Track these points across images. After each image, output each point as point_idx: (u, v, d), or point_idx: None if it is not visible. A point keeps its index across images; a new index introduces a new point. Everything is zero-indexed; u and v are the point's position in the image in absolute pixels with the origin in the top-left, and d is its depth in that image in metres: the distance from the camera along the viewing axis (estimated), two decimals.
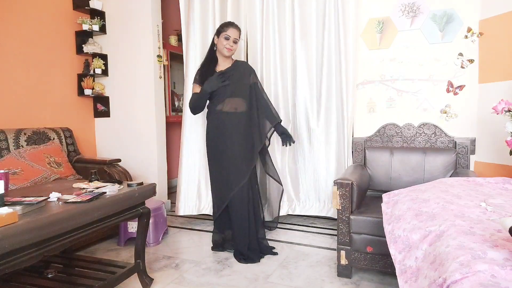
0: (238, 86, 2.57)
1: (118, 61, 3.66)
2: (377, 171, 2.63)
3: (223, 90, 2.54)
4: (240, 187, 2.51)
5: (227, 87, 2.53)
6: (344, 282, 2.17)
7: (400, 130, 2.73)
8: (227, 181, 2.55)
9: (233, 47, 2.54)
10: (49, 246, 1.47)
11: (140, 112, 3.62)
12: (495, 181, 1.66)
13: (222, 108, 2.55)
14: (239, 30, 2.58)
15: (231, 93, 2.55)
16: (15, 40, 2.98)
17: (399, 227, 1.36)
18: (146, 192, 2.04)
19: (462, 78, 2.61)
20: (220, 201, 2.62)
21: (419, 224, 1.28)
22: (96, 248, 2.75)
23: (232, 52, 2.57)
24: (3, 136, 2.67)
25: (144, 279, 2.09)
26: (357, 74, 2.90)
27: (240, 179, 2.52)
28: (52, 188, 1.94)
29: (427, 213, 1.31)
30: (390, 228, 1.43)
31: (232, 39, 2.52)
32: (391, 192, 1.72)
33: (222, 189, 2.59)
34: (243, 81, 2.60)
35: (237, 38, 2.56)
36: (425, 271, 1.08)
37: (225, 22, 2.62)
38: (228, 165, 2.54)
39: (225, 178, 2.56)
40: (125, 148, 3.67)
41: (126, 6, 3.57)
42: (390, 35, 2.77)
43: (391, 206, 1.56)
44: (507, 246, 0.94)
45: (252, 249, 2.55)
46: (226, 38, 2.51)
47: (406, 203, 1.48)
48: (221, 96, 2.55)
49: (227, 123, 2.54)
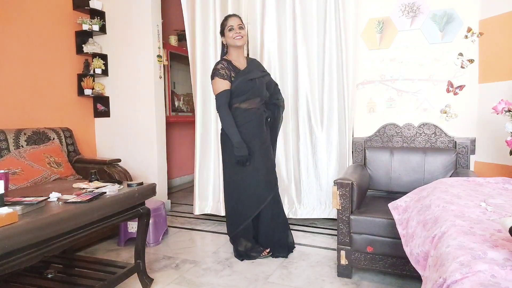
0: (260, 84, 2.54)
1: (118, 61, 3.66)
2: (377, 171, 2.63)
3: (248, 89, 2.46)
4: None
5: (253, 86, 2.48)
6: (344, 282, 2.16)
7: (400, 130, 2.73)
8: (266, 180, 2.53)
9: (241, 33, 2.47)
10: (49, 246, 1.47)
11: (140, 112, 3.62)
12: (495, 181, 1.66)
13: (247, 107, 2.48)
14: (238, 17, 2.54)
15: (255, 92, 2.49)
16: (15, 40, 2.98)
17: (415, 245, 1.35)
18: (146, 192, 2.03)
19: (462, 78, 2.61)
20: (258, 202, 2.51)
21: (427, 233, 1.28)
22: (96, 248, 2.75)
23: (244, 39, 2.50)
24: (3, 136, 2.67)
25: (144, 279, 2.09)
26: (357, 74, 2.90)
27: (275, 174, 2.64)
28: (52, 188, 1.94)
29: (430, 220, 1.31)
30: (409, 250, 1.42)
31: (236, 26, 2.46)
32: (398, 205, 1.69)
33: (259, 188, 2.50)
34: (263, 79, 2.58)
35: (241, 23, 2.51)
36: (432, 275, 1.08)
37: (222, 20, 2.58)
38: (263, 163, 2.52)
39: (263, 178, 2.51)
40: (125, 148, 3.67)
41: (126, 6, 3.57)
42: (390, 35, 2.77)
43: (405, 226, 1.55)
44: (507, 246, 0.94)
45: (283, 244, 2.62)
46: (231, 29, 2.47)
47: (415, 218, 1.48)
48: (246, 95, 2.47)
49: (254, 122, 2.51)
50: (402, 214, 1.63)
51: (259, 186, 2.50)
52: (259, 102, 2.54)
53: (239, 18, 2.53)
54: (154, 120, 3.59)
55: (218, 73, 2.44)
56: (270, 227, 2.57)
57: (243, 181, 2.50)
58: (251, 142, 2.47)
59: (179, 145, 5.04)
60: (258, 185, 2.50)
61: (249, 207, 2.51)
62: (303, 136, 3.17)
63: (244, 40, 2.50)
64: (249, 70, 2.52)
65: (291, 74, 3.14)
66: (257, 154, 2.49)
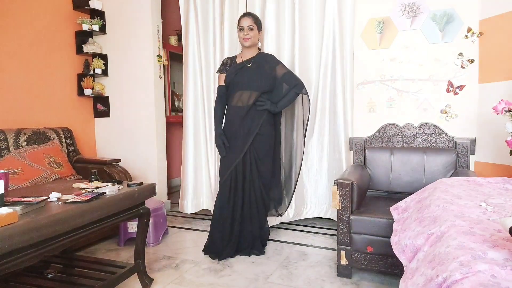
0: (250, 78, 2.57)
1: (118, 61, 3.66)
2: (377, 171, 2.63)
3: (237, 83, 2.57)
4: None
5: (240, 81, 2.57)
6: (344, 282, 2.16)
7: (400, 130, 2.73)
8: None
9: (248, 35, 2.55)
10: (49, 246, 1.47)
11: (140, 112, 3.62)
12: (495, 181, 1.66)
13: (233, 102, 2.59)
14: (250, 17, 2.58)
15: (244, 86, 2.57)
16: (15, 40, 2.98)
17: (405, 236, 1.35)
18: (146, 192, 2.03)
19: (462, 78, 2.61)
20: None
21: (422, 229, 1.28)
22: (96, 248, 2.75)
23: (250, 41, 2.57)
24: (3, 136, 2.67)
25: (144, 279, 2.09)
26: (355, 74, 2.90)
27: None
28: (52, 188, 1.94)
29: (429, 218, 1.31)
30: (396, 239, 1.42)
31: (246, 28, 2.55)
32: (399, 206, 1.71)
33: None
34: (260, 74, 2.58)
35: (251, 25, 2.56)
36: (422, 269, 1.08)
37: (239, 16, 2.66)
38: (234, 159, 2.57)
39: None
40: (125, 148, 3.67)
41: (126, 6, 3.57)
42: (390, 35, 2.77)
43: (401, 223, 1.56)
44: (507, 246, 0.94)
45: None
46: (241, 29, 2.58)
47: (413, 216, 1.48)
48: (235, 89, 2.59)
49: (237, 117, 2.56)
50: (402, 213, 1.64)
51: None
52: (249, 96, 2.56)
53: (251, 19, 2.57)
54: (154, 120, 3.59)
55: (220, 68, 2.71)
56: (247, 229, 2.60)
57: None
58: (231, 139, 2.60)
59: (179, 145, 5.03)
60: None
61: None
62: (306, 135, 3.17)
63: (251, 41, 2.59)
64: (241, 66, 2.59)
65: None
66: (233, 150, 2.58)
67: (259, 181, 2.60)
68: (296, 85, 2.64)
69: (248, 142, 2.55)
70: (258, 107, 2.57)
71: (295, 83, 2.64)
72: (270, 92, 2.64)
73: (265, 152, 2.61)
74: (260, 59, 2.63)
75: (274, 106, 2.61)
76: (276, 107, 2.62)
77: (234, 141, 2.59)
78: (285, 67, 2.71)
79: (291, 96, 2.64)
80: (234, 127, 2.59)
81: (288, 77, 2.65)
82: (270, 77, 2.60)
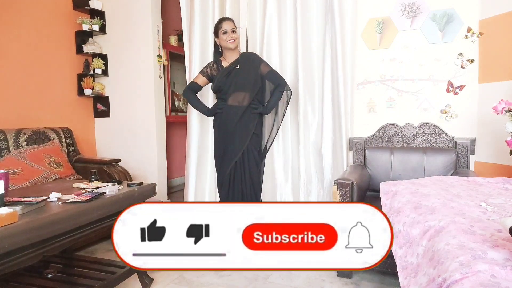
0: (243, 79, 2.58)
1: (118, 61, 3.66)
2: (377, 171, 2.63)
3: (229, 86, 2.59)
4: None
5: (232, 83, 2.58)
6: (344, 282, 2.16)
7: (400, 130, 2.73)
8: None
9: (234, 36, 2.60)
10: (48, 246, 1.47)
11: (140, 112, 3.62)
12: (495, 181, 1.66)
13: (228, 102, 2.61)
14: (231, 20, 2.65)
15: (237, 87, 2.58)
16: (14, 40, 2.98)
17: (399, 221, 1.35)
18: (146, 192, 2.04)
19: (462, 78, 2.61)
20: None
21: (418, 217, 1.28)
22: (96, 248, 2.75)
23: (236, 42, 2.63)
24: (3, 136, 2.67)
25: (144, 279, 2.09)
26: (355, 74, 2.90)
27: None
28: (52, 188, 1.94)
29: (426, 207, 1.31)
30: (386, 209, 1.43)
31: (229, 30, 2.58)
32: (390, 181, 1.72)
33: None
34: (250, 74, 2.60)
35: (234, 27, 2.62)
36: (425, 268, 1.08)
37: (216, 22, 2.69)
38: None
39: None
40: (125, 148, 3.67)
41: (126, 6, 3.57)
42: (390, 35, 2.77)
43: (390, 197, 1.56)
44: (507, 246, 0.94)
45: None
46: (224, 32, 2.59)
47: (405, 195, 1.48)
48: (228, 91, 2.60)
49: (233, 117, 2.58)
50: (391, 187, 1.64)
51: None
52: (244, 98, 2.58)
53: (232, 22, 2.64)
54: (154, 120, 3.58)
55: (202, 70, 2.75)
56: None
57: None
58: (228, 138, 2.63)
59: (179, 145, 5.03)
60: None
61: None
62: (303, 136, 3.17)
63: (236, 43, 2.64)
64: (230, 69, 2.61)
65: (291, 74, 3.14)
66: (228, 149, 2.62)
67: (251, 180, 2.64)
68: (279, 84, 2.68)
69: (246, 141, 2.59)
70: (253, 110, 2.61)
71: (278, 82, 2.68)
72: (258, 92, 2.66)
73: (256, 152, 2.67)
74: (244, 59, 2.66)
75: (265, 109, 2.67)
76: (267, 109, 2.67)
77: (231, 140, 2.60)
78: (268, 65, 2.74)
79: (277, 95, 2.68)
80: (231, 126, 2.61)
81: (271, 75, 2.68)
82: (258, 76, 2.65)
